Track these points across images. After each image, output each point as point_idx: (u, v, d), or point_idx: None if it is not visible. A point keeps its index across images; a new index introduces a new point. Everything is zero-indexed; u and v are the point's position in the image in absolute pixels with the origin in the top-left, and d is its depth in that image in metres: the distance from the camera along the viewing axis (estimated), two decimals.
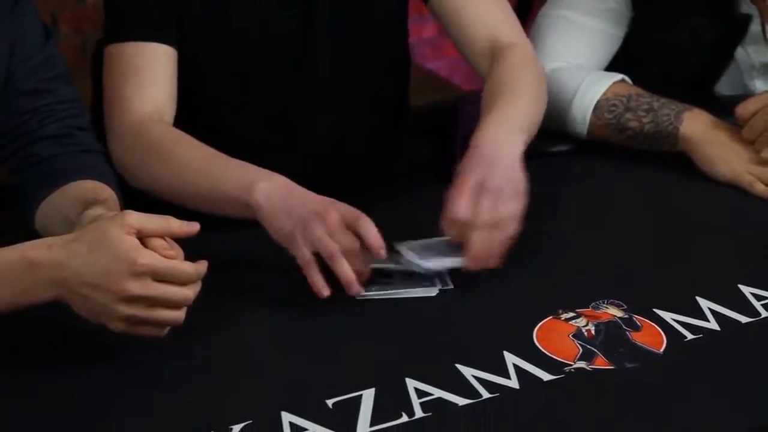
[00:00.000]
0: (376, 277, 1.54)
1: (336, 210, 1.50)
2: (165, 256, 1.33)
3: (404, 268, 1.54)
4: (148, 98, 1.72)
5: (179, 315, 1.35)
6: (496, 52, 1.80)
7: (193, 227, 1.37)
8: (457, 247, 1.53)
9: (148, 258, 1.31)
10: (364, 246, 1.50)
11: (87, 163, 1.62)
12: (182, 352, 1.41)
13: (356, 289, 1.50)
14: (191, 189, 1.64)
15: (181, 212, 1.46)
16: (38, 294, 1.34)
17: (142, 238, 1.33)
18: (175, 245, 1.36)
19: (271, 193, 1.54)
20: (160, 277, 1.32)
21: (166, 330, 1.36)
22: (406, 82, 2.04)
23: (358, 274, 1.49)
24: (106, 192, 1.55)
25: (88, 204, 1.48)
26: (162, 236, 1.35)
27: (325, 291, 1.49)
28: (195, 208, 1.61)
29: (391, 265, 1.54)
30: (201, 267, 1.37)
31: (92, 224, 1.37)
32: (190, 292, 1.35)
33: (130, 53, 1.74)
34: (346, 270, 1.48)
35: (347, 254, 1.49)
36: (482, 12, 1.83)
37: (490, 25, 1.83)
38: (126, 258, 1.30)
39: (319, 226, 1.49)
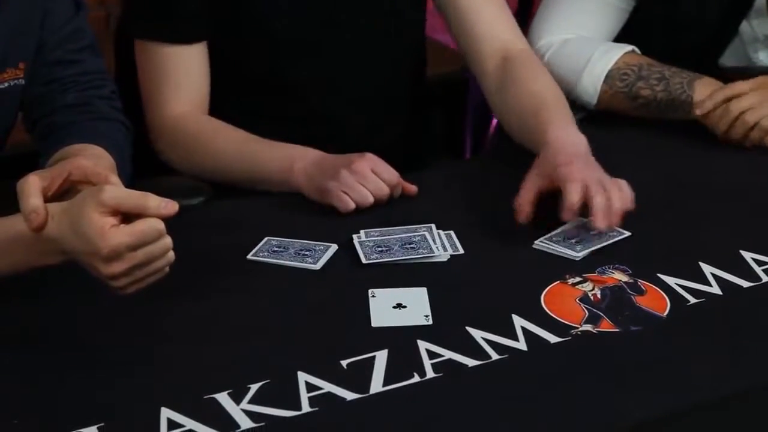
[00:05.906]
0: (376, 247, 1.57)
1: (365, 160, 1.64)
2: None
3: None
4: (184, 98, 1.78)
5: (169, 257, 1.34)
6: (507, 58, 1.85)
7: (171, 208, 1.32)
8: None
9: (114, 240, 1.29)
10: None
11: (98, 129, 1.61)
12: (200, 315, 1.44)
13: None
14: (233, 174, 1.75)
15: None
16: (50, 260, 1.36)
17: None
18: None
19: (306, 169, 1.68)
20: (133, 247, 1.30)
21: (166, 270, 1.35)
22: (423, 62, 2.08)
23: None
24: (89, 151, 1.52)
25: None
26: (137, 214, 1.31)
27: (350, 204, 1.62)
28: (235, 185, 1.74)
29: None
30: (171, 208, 1.32)
31: (79, 195, 1.34)
32: (167, 240, 1.33)
33: (161, 56, 1.78)
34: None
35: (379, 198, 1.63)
36: (491, 17, 1.87)
37: (499, 31, 1.87)
38: (93, 245, 1.29)
39: (348, 174, 1.62)
